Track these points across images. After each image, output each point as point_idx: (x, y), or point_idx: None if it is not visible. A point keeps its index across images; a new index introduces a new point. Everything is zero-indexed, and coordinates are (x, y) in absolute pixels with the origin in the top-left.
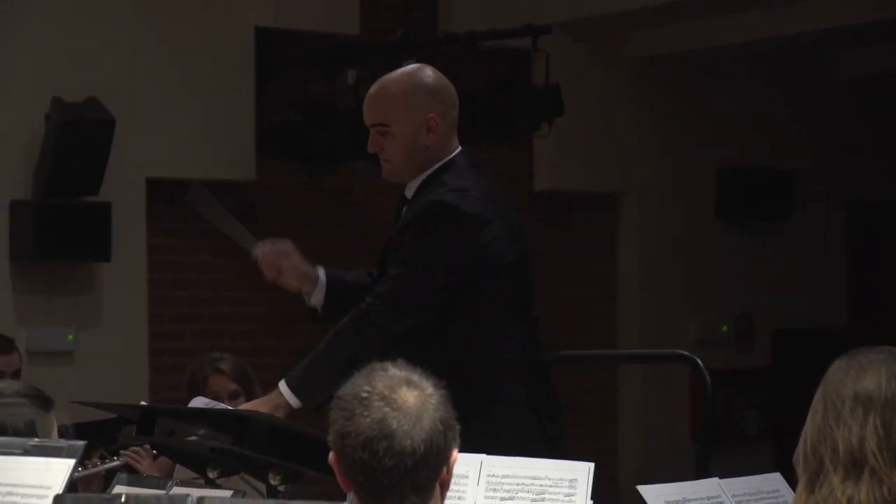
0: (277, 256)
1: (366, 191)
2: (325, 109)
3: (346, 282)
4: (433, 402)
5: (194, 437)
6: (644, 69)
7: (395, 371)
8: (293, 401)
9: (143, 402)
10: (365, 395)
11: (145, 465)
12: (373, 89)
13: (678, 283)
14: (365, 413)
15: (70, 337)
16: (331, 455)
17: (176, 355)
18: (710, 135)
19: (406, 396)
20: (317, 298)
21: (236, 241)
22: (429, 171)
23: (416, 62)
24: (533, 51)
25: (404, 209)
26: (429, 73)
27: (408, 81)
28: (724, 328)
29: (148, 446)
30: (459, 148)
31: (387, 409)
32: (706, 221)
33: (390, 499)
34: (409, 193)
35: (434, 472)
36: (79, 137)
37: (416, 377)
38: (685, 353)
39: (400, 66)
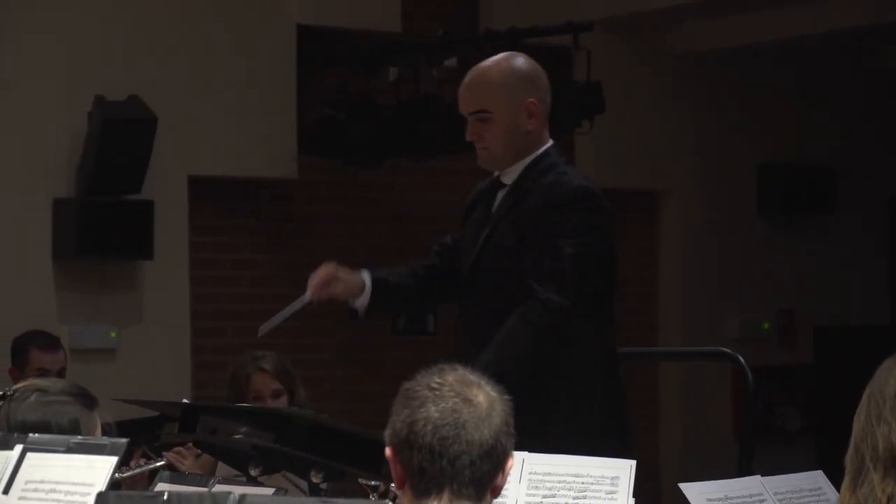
0: (327, 289)
1: (407, 188)
2: (367, 107)
3: (389, 285)
4: (500, 403)
5: (237, 435)
6: (685, 66)
7: (463, 372)
8: None
9: (185, 400)
10: (436, 386)
11: (188, 465)
12: (469, 78)
13: (719, 280)
14: (437, 402)
15: (112, 335)
16: (388, 450)
17: (218, 352)
18: (750, 131)
19: (477, 393)
20: (361, 302)
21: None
22: (530, 158)
23: (458, 60)
24: (574, 48)
25: (500, 193)
26: (523, 59)
27: (506, 68)
28: (766, 325)
29: (190, 444)
30: (552, 141)
31: (458, 400)
32: (747, 218)
33: (448, 488)
34: (507, 179)
35: (493, 472)
36: (121, 135)
37: (482, 381)
38: (726, 350)
39: (441, 63)
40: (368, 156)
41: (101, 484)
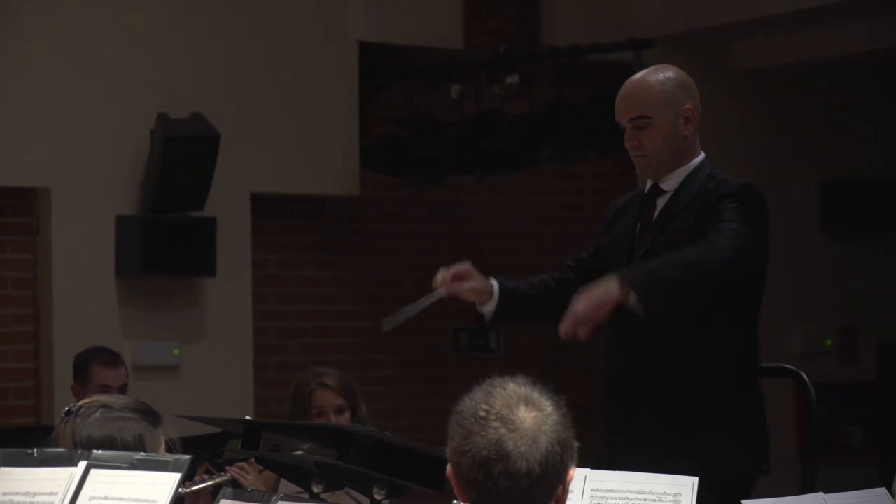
0: (458, 288)
1: (470, 204)
2: (429, 123)
3: (518, 295)
4: (550, 422)
5: (299, 452)
6: (747, 81)
7: (514, 388)
8: (631, 296)
9: (247, 417)
10: (483, 414)
11: (250, 480)
12: (625, 88)
13: (782, 296)
14: (482, 433)
15: (175, 351)
16: (448, 468)
17: (280, 369)
18: (813, 147)
19: (524, 417)
20: (488, 309)
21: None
22: (689, 166)
23: (519, 77)
24: (636, 64)
25: (661, 200)
26: (675, 69)
27: (662, 76)
28: (829, 342)
29: (253, 460)
30: (703, 153)
31: (503, 429)
32: (810, 233)
33: None
34: (667, 186)
35: (549, 493)
36: (184, 153)
37: (535, 395)
38: (790, 366)
39: (503, 80)
40: (431, 172)
41: (165, 500)
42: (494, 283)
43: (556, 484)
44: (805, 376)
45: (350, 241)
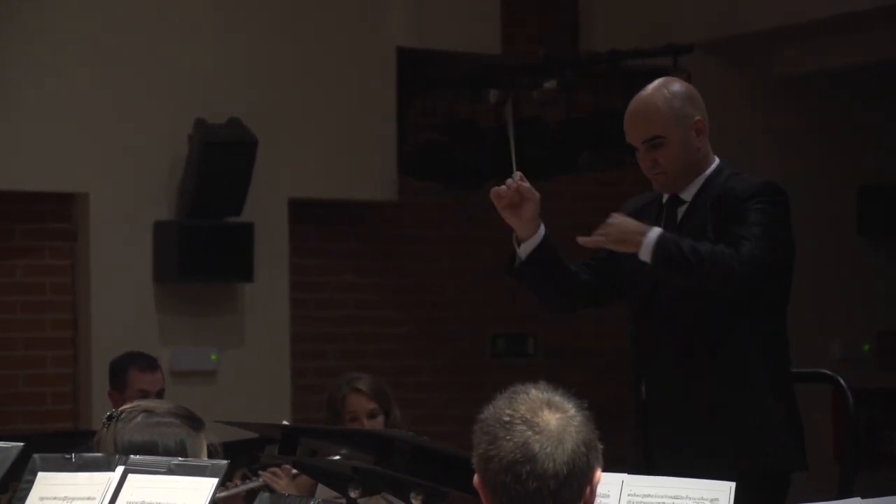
0: (523, 198)
1: None
2: (468, 129)
3: (556, 257)
4: (575, 423)
5: (336, 457)
6: (785, 86)
7: (536, 393)
8: (647, 251)
9: (284, 422)
10: (507, 418)
11: (283, 485)
12: (633, 108)
13: (820, 302)
14: (507, 437)
15: (213, 357)
16: (475, 478)
17: (318, 375)
18: (851, 153)
19: (548, 419)
20: (525, 249)
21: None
22: (705, 174)
23: (558, 82)
24: (674, 69)
25: (682, 209)
26: (679, 82)
27: (668, 92)
28: (867, 347)
29: (287, 466)
30: (718, 159)
31: (529, 432)
32: (848, 239)
33: None
34: (686, 196)
35: (577, 494)
36: (222, 158)
37: (557, 399)
38: (827, 371)
39: (542, 86)
40: (470, 178)
41: None
42: (542, 227)
43: (583, 485)
44: (842, 381)
45: (389, 247)
